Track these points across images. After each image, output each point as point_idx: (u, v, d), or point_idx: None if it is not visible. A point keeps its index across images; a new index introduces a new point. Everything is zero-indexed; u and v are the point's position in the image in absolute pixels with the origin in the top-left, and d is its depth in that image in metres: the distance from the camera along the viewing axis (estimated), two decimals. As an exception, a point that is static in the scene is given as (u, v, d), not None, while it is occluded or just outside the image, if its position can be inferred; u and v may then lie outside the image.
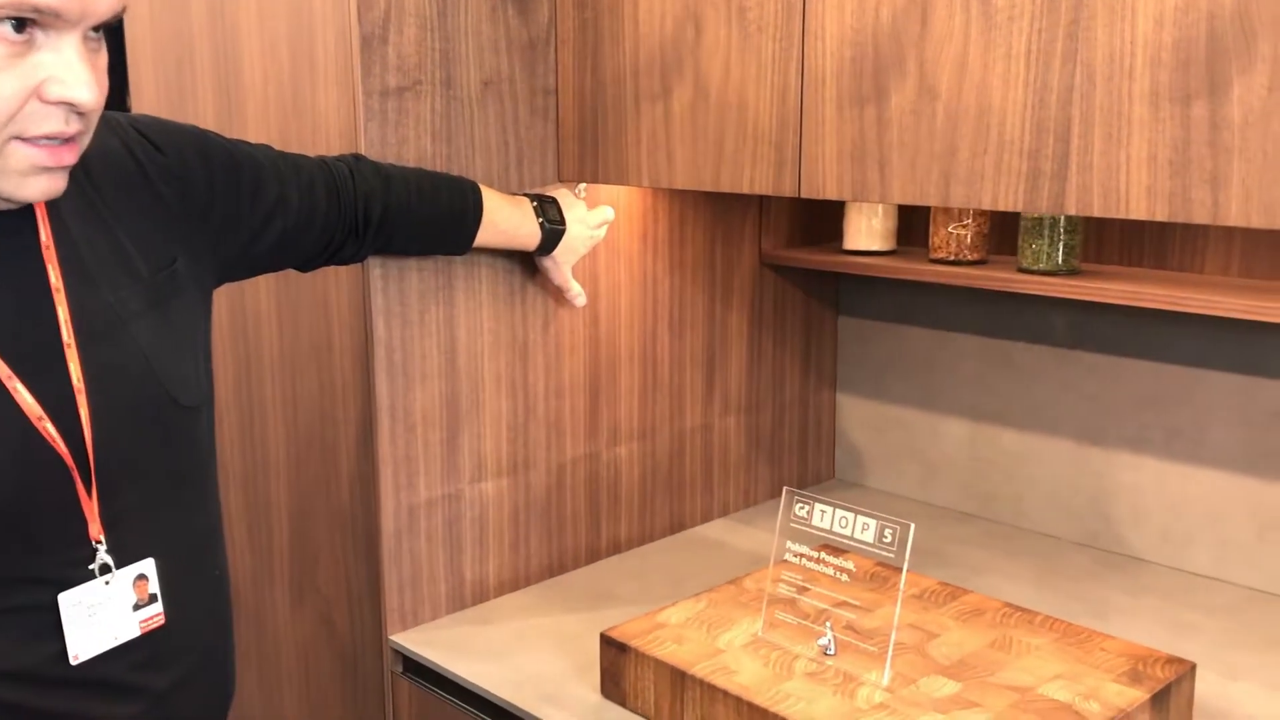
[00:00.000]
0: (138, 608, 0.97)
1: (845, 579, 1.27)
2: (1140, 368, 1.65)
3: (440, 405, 1.48)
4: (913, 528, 1.19)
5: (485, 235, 1.41)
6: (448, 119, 1.44)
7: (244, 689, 1.78)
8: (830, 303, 1.98)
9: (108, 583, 0.94)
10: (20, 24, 0.81)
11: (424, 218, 1.35)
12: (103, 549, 0.94)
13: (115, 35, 1.73)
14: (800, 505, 1.27)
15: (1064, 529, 1.77)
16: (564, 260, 1.52)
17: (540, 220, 1.46)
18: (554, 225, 1.47)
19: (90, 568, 0.93)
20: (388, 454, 1.44)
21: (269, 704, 1.77)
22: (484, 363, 1.52)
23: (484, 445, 1.53)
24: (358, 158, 1.33)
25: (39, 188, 0.86)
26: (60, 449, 0.90)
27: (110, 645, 0.95)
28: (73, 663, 0.93)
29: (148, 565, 0.97)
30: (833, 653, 1.24)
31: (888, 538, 1.21)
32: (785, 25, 1.28)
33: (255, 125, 1.55)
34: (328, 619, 1.63)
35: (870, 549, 1.22)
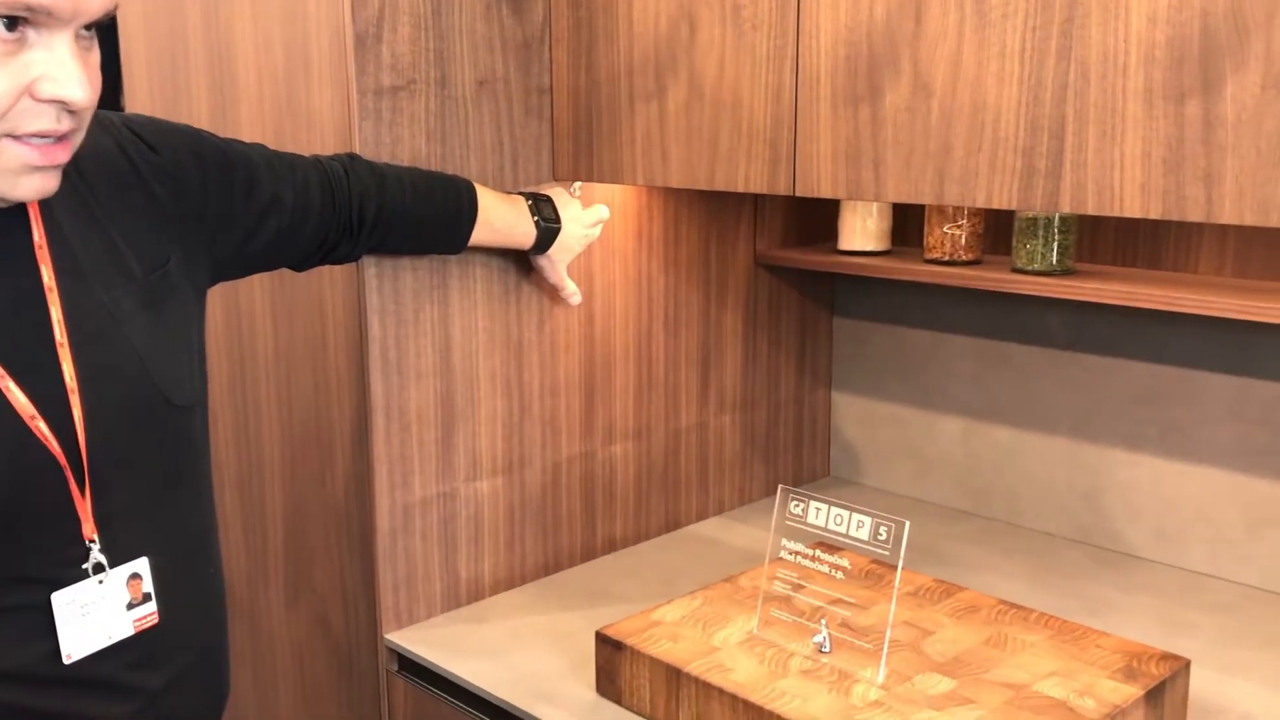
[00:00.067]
0: (131, 607, 0.96)
1: (840, 576, 1.27)
2: (1134, 366, 1.65)
3: (435, 404, 1.48)
4: (908, 525, 1.19)
5: (480, 234, 1.41)
6: (442, 118, 1.44)
7: (239, 688, 1.78)
8: (825, 302, 1.98)
9: (101, 582, 0.94)
10: (12, 22, 0.80)
11: (419, 217, 1.35)
12: (96, 548, 0.94)
13: (109, 34, 1.73)
14: (795, 503, 1.27)
15: (1059, 526, 1.77)
16: (559, 259, 1.52)
17: (535, 219, 1.46)
18: (549, 224, 1.47)
19: (84, 567, 0.93)
20: (383, 453, 1.44)
21: (264, 703, 1.77)
22: (479, 361, 1.52)
23: (479, 444, 1.53)
24: (352, 157, 1.32)
25: (31, 186, 0.86)
26: (53, 448, 0.89)
27: (104, 645, 0.95)
28: (66, 662, 0.92)
29: (141, 564, 0.97)
30: (828, 650, 1.24)
31: (883, 535, 1.21)
32: (779, 24, 1.28)
33: (249, 124, 1.55)
34: (323, 618, 1.63)
35: (865, 546, 1.22)
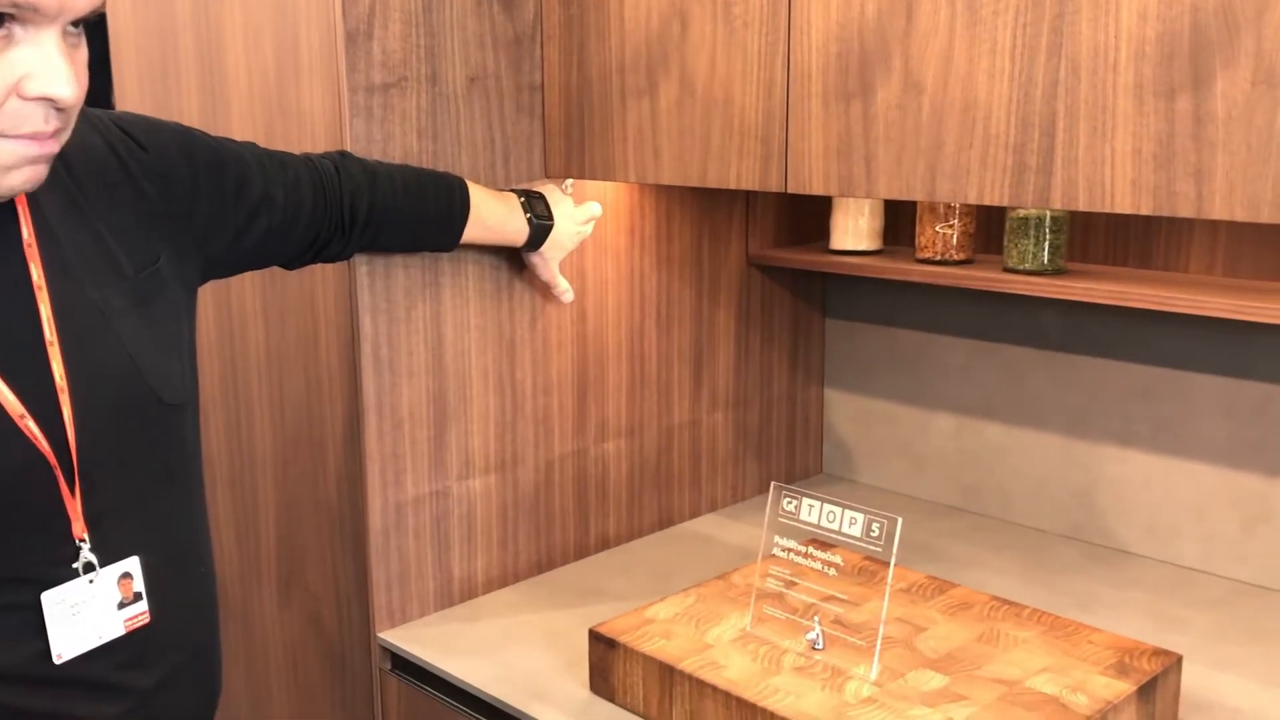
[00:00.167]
0: (122, 606, 0.96)
1: (833, 573, 1.27)
2: (1126, 364, 1.66)
3: (427, 402, 1.48)
4: (900, 522, 1.19)
5: (473, 231, 1.41)
6: (433, 115, 1.44)
7: (232, 687, 1.77)
8: (817, 300, 1.98)
9: (91, 581, 0.94)
10: (-2, 19, 0.80)
11: (411, 214, 1.35)
12: (86, 547, 0.93)
13: (99, 33, 1.73)
14: (788, 500, 1.27)
15: (1051, 522, 1.78)
16: (551, 256, 1.51)
17: (528, 216, 1.45)
18: (542, 221, 1.47)
19: (74, 566, 0.93)
20: (375, 451, 1.44)
21: (257, 703, 1.76)
22: (471, 359, 1.52)
23: (472, 442, 1.53)
24: (343, 155, 1.32)
25: (22, 176, 0.85)
26: (42, 447, 0.89)
27: (94, 644, 0.94)
28: (56, 662, 0.92)
29: (132, 564, 0.97)
30: (821, 647, 1.24)
31: (875, 532, 1.21)
32: (771, 20, 1.28)
33: (240, 122, 1.55)
34: (316, 617, 1.62)
35: (858, 543, 1.22)
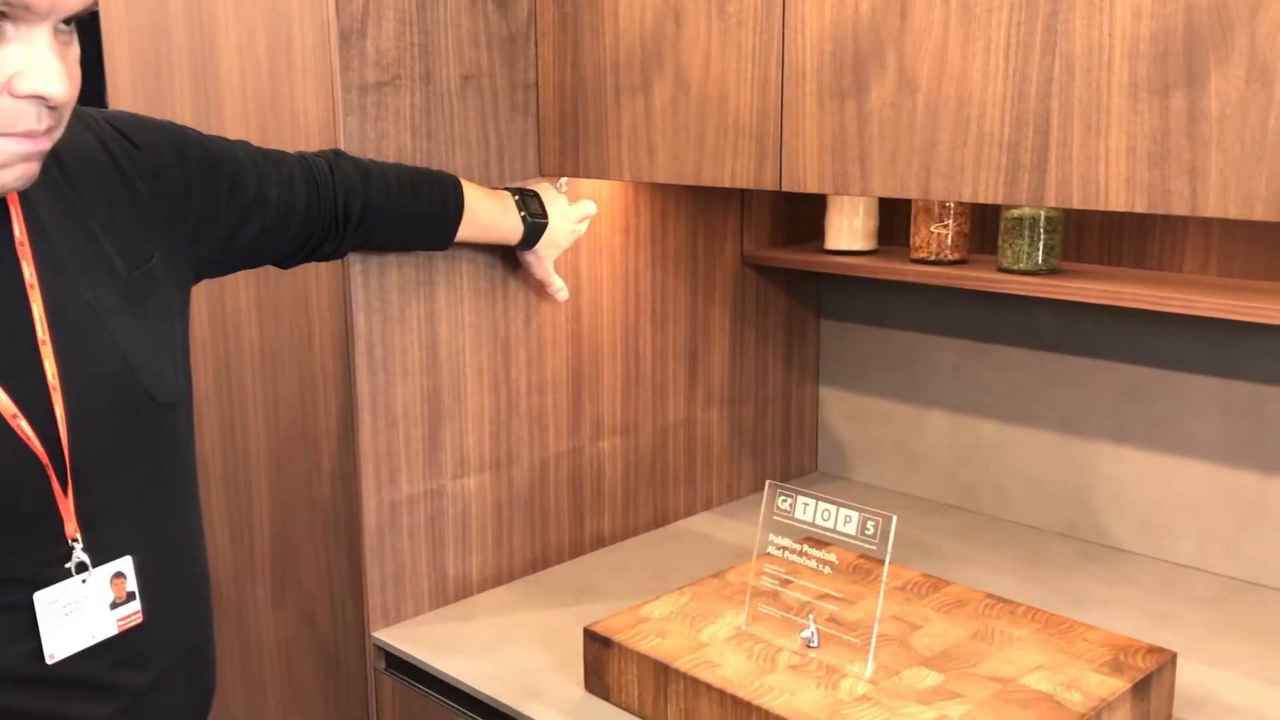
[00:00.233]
0: (115, 606, 0.96)
1: (828, 571, 1.27)
2: (1121, 365, 1.66)
3: (422, 400, 1.48)
4: (895, 520, 1.19)
5: (467, 230, 1.41)
6: (427, 114, 1.43)
7: (226, 687, 1.77)
8: (812, 300, 1.98)
9: (84, 581, 0.93)
10: (-11, 18, 0.80)
11: (405, 213, 1.35)
12: (79, 547, 0.93)
13: (92, 30, 1.72)
14: (783, 498, 1.27)
15: (1045, 520, 1.78)
16: (546, 255, 1.51)
17: (522, 214, 1.45)
18: (536, 219, 1.46)
19: (66, 566, 0.93)
20: (369, 450, 1.44)
21: (251, 702, 1.76)
22: (465, 358, 1.51)
23: (466, 441, 1.53)
24: (337, 153, 1.32)
25: (14, 174, 0.85)
26: (35, 447, 0.89)
27: (87, 644, 0.94)
28: (49, 662, 0.92)
29: (125, 563, 0.97)
30: (816, 645, 1.24)
31: (870, 530, 1.21)
32: (765, 19, 1.28)
33: (233, 121, 1.54)
34: (310, 616, 1.62)
35: (853, 541, 1.22)
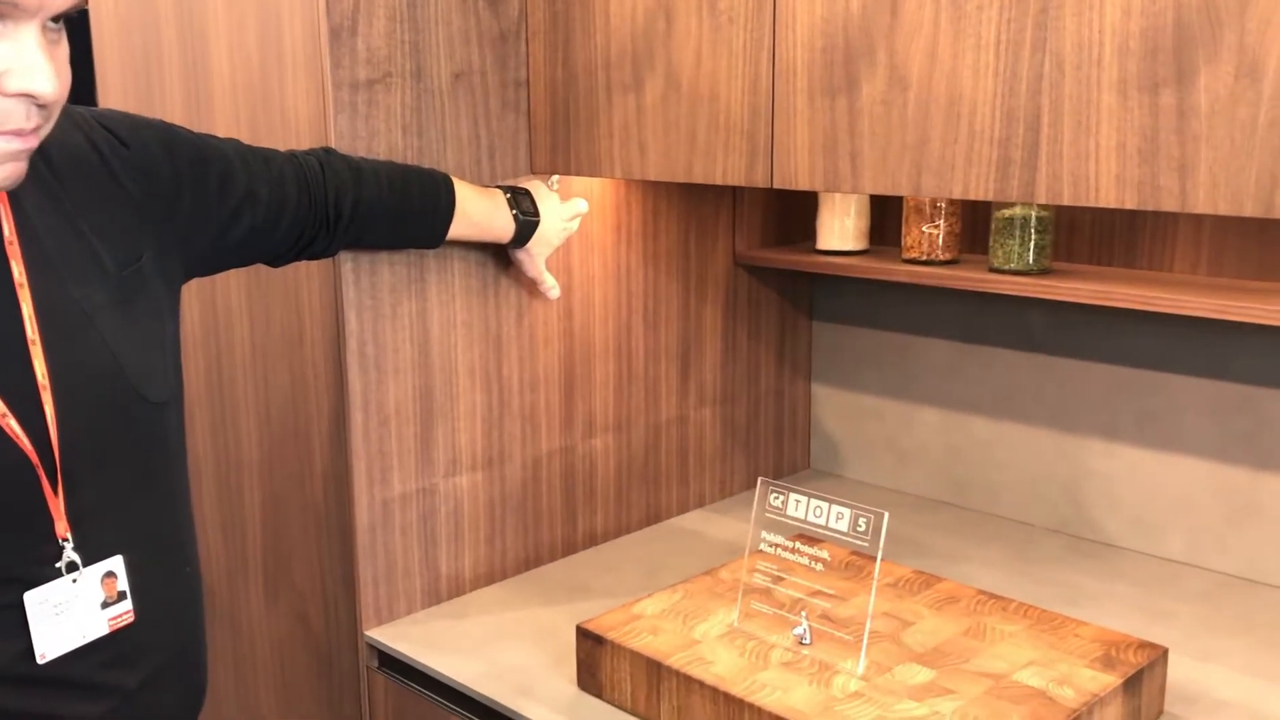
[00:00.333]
0: (106, 605, 0.96)
1: (820, 568, 1.28)
2: (1111, 365, 1.66)
3: (414, 399, 1.47)
4: (887, 516, 1.19)
5: (458, 228, 1.41)
6: (418, 111, 1.43)
7: (219, 686, 1.77)
8: (804, 299, 1.99)
9: (75, 580, 0.93)
10: (-23, 16, 0.79)
11: (396, 211, 1.34)
12: (69, 547, 0.93)
13: (81, 29, 1.72)
14: (775, 495, 1.27)
15: (1037, 516, 1.78)
16: (538, 253, 1.51)
17: (514, 212, 1.45)
18: (528, 217, 1.46)
19: (57, 565, 0.92)
20: (361, 448, 1.43)
21: (244, 701, 1.76)
22: (457, 356, 1.51)
23: (458, 439, 1.53)
24: (328, 151, 1.31)
25: (2, 172, 0.85)
26: (25, 446, 0.89)
27: (78, 644, 0.94)
28: (39, 662, 0.92)
29: (116, 563, 0.96)
30: (808, 642, 1.24)
31: (862, 527, 1.21)
32: (756, 16, 1.28)
33: (223, 119, 1.54)
34: (302, 615, 1.62)
35: (845, 538, 1.22)
